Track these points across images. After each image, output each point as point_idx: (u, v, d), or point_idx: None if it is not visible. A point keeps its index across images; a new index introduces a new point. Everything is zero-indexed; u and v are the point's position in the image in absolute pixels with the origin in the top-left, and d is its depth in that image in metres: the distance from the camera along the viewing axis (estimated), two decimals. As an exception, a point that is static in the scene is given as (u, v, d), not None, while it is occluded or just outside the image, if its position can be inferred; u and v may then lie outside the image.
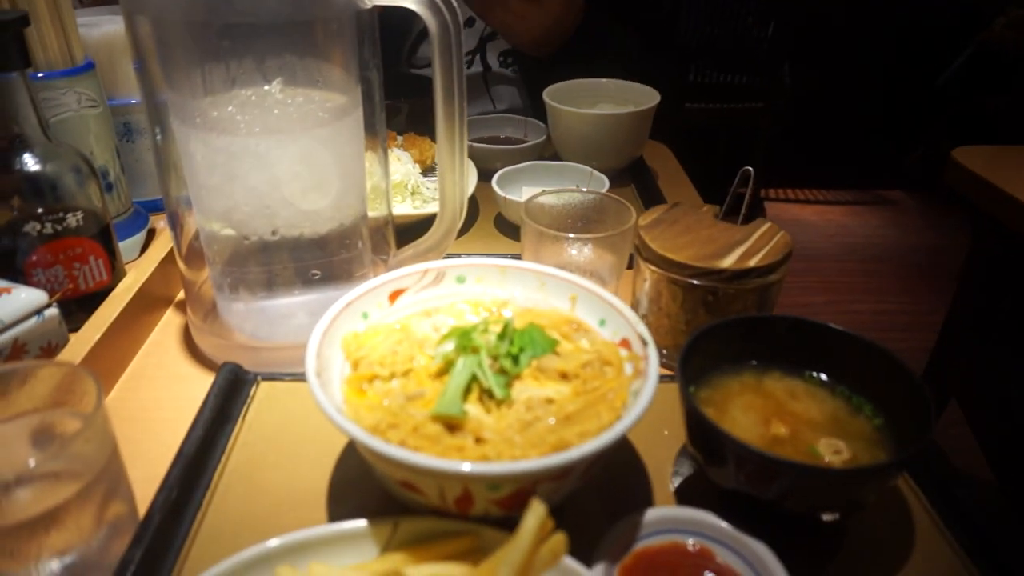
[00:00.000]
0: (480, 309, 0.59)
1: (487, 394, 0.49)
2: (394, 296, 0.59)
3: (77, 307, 0.70)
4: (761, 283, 0.66)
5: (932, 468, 0.56)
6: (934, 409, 0.48)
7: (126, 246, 0.83)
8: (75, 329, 0.68)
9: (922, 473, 0.56)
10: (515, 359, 0.51)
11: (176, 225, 0.68)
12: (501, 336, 0.52)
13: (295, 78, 0.60)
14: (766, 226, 0.72)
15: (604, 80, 1.14)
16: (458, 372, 0.49)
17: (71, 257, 0.68)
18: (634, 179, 1.10)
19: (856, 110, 3.88)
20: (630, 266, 0.74)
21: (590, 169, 0.98)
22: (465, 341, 0.51)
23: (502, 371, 0.51)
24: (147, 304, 0.75)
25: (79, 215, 0.67)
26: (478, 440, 0.46)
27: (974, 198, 1.23)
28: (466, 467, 0.40)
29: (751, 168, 0.73)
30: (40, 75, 0.73)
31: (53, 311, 0.64)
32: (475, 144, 1.07)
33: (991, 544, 0.49)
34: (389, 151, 0.99)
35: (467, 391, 0.49)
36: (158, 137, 0.63)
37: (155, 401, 0.66)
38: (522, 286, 0.61)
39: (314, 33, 0.59)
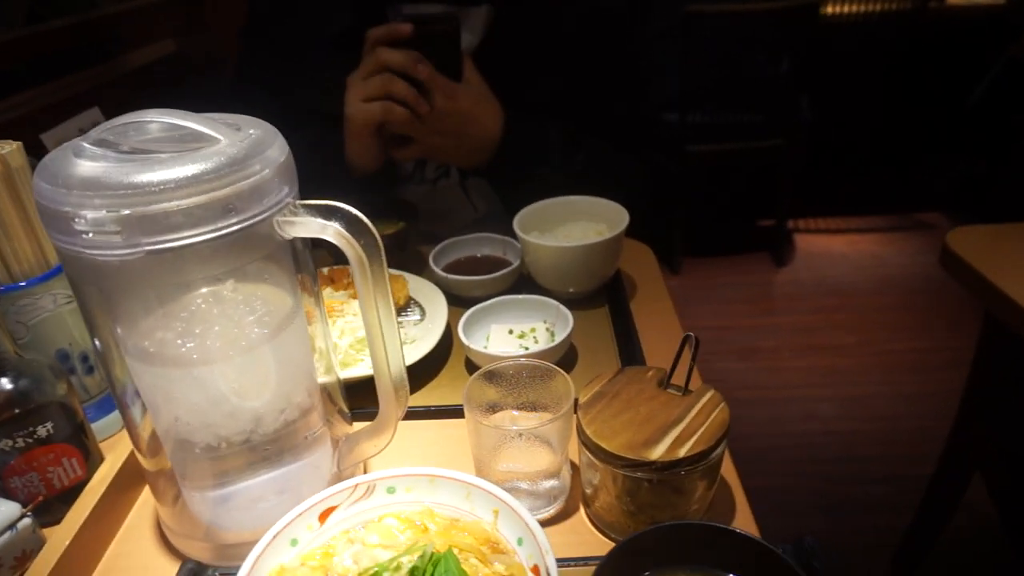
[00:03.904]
0: (405, 527, 0.61)
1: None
2: (324, 515, 0.62)
3: (53, 502, 0.75)
4: (695, 469, 0.67)
5: None
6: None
7: (107, 422, 0.88)
8: (50, 524, 0.73)
9: None
10: (426, 601, 0.53)
11: (129, 422, 0.71)
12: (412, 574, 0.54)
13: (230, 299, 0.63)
14: (707, 396, 0.73)
15: (574, 198, 1.16)
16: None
17: (44, 463, 0.73)
18: (608, 299, 1.11)
19: (883, 133, 3.77)
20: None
21: (557, 304, 0.99)
22: (376, 584, 0.54)
23: (413, 614, 0.53)
24: (123, 486, 0.79)
25: (48, 426, 0.72)
26: None
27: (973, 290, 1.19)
28: None
29: (692, 334, 0.74)
30: (22, 284, 0.78)
31: (26, 521, 0.69)
32: (451, 276, 1.09)
33: None
34: (353, 300, 1.02)
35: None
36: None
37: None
38: (450, 495, 0.63)
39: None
